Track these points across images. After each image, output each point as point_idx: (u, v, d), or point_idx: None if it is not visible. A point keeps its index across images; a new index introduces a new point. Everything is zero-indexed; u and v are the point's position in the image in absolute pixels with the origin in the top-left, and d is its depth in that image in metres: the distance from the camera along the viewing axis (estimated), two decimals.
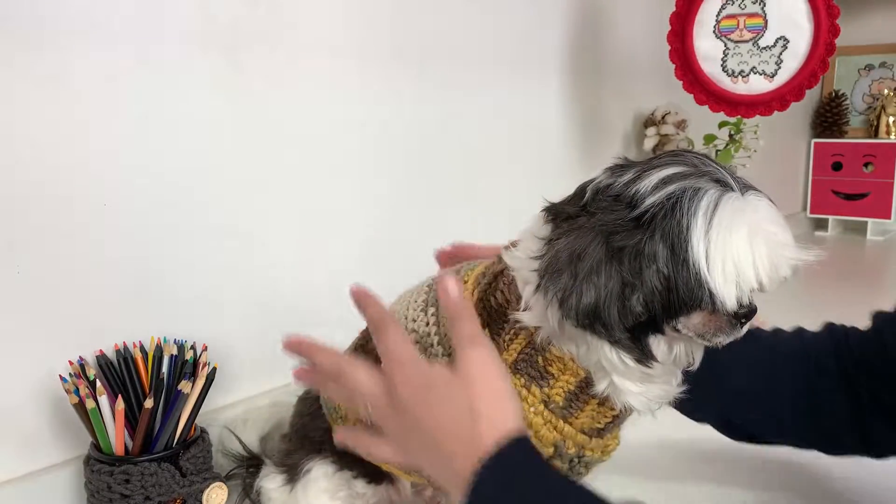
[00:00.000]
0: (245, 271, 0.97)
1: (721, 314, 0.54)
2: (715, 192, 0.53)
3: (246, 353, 0.97)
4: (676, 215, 0.52)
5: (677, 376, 0.63)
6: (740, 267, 0.51)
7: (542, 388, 0.60)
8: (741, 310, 0.54)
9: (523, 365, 0.60)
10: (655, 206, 0.53)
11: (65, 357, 0.78)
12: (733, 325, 0.56)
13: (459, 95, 1.25)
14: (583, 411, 0.61)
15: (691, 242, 0.51)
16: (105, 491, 0.75)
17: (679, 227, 0.52)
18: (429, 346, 0.64)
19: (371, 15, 1.09)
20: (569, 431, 0.61)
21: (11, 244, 0.75)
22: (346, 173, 1.09)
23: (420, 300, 0.67)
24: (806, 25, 1.28)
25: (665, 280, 0.53)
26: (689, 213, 0.52)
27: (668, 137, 1.62)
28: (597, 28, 1.58)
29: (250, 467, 0.85)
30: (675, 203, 0.52)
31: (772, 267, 0.52)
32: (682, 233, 0.52)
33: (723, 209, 0.52)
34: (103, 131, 0.81)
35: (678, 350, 0.59)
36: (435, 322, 0.64)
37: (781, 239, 0.53)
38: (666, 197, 0.53)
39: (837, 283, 1.96)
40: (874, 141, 2.47)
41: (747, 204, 0.53)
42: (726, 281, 0.51)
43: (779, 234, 0.53)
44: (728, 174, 0.54)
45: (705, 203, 0.52)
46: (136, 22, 0.82)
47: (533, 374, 0.60)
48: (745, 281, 0.52)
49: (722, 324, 0.55)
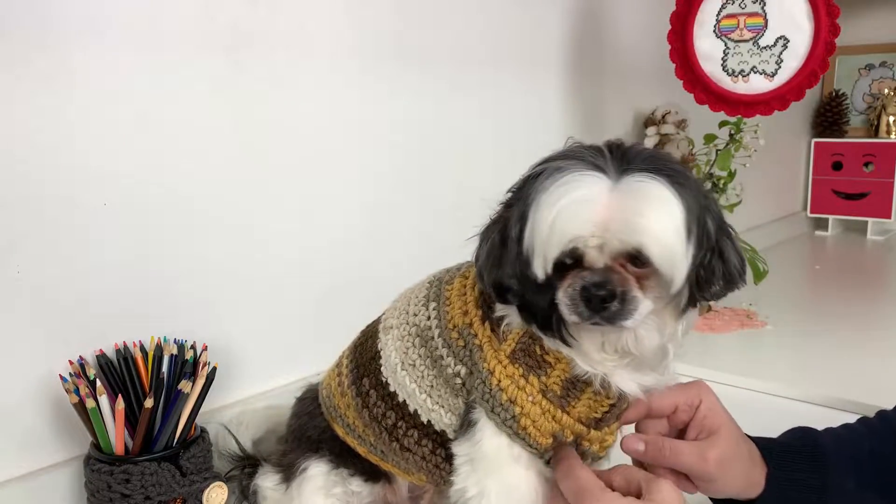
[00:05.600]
0: (245, 271, 0.97)
1: (573, 287, 0.55)
2: (570, 170, 0.54)
3: (246, 352, 0.97)
4: (525, 189, 0.56)
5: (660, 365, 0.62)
6: (538, 234, 0.54)
7: (539, 378, 0.61)
8: (558, 279, 0.56)
9: (521, 354, 0.61)
10: (518, 185, 0.58)
11: (65, 357, 0.78)
12: (577, 302, 0.55)
13: (459, 95, 1.25)
14: (579, 400, 0.62)
15: (529, 209, 0.54)
16: (105, 490, 0.75)
17: (525, 201, 0.55)
18: (429, 340, 0.66)
19: (371, 14, 1.09)
20: (567, 421, 0.61)
21: (11, 244, 0.75)
22: (347, 173, 1.09)
23: (421, 296, 0.69)
24: (806, 25, 1.28)
25: (517, 248, 0.56)
26: (534, 187, 0.55)
27: (668, 137, 1.61)
28: (597, 28, 1.58)
29: (246, 468, 0.85)
30: (533, 178, 0.56)
31: (556, 236, 0.53)
32: (525, 205, 0.55)
33: (554, 183, 0.53)
34: (103, 131, 0.81)
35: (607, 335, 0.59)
36: (436, 316, 0.66)
37: (574, 211, 0.53)
38: (528, 176, 0.57)
39: (837, 283, 1.96)
40: (874, 140, 2.47)
41: (579, 180, 0.53)
42: (532, 248, 0.54)
43: (578, 208, 0.53)
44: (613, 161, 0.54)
45: (552, 178, 0.54)
46: (137, 22, 0.82)
47: (531, 364, 0.61)
48: (539, 243, 0.54)
49: (571, 299, 0.55)
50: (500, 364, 0.61)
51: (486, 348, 0.62)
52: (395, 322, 0.70)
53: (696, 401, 0.67)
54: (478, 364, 0.62)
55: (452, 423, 0.66)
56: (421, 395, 0.67)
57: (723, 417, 0.67)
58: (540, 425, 0.61)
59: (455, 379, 0.64)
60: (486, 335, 0.63)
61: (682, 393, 0.68)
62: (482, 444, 0.62)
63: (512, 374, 0.61)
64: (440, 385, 0.66)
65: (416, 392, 0.67)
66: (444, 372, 0.65)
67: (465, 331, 0.64)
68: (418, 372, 0.67)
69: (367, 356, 0.72)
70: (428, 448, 0.68)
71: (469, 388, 0.64)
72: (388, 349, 0.70)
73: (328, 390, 0.76)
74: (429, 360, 0.66)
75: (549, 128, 1.49)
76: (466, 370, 0.64)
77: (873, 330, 1.49)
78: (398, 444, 0.69)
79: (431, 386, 0.66)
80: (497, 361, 0.61)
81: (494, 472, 0.62)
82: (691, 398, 0.67)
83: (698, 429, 0.67)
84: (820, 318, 1.60)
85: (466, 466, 0.64)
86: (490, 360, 0.62)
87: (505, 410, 0.60)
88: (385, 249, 1.15)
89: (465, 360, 0.64)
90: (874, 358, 1.30)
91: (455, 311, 0.65)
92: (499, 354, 0.61)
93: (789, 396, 1.14)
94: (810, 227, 2.63)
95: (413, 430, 0.68)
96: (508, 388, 0.60)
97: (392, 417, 0.69)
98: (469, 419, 0.63)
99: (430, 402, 0.66)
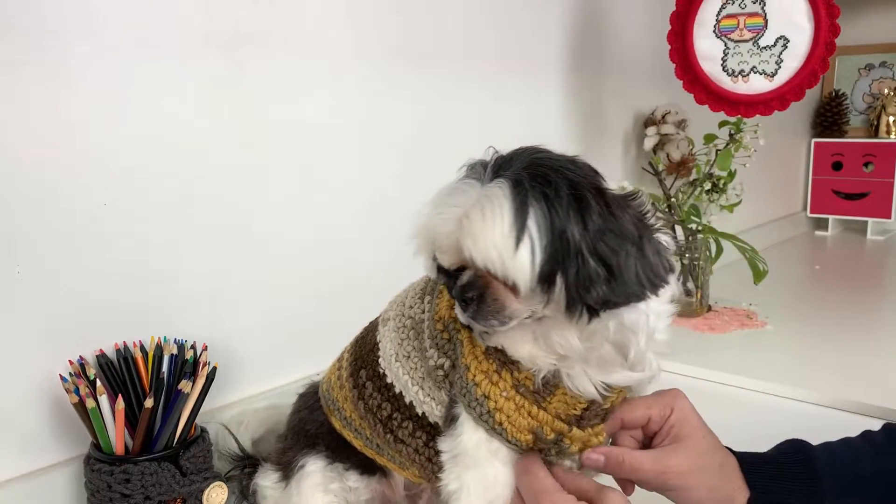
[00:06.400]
0: (245, 271, 0.97)
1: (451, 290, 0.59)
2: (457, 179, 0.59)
3: (246, 352, 0.97)
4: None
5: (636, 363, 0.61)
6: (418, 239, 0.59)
7: (512, 373, 0.61)
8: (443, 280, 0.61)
9: (494, 350, 0.61)
10: None
11: (65, 356, 0.78)
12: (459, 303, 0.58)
13: (459, 94, 1.25)
14: (554, 395, 0.61)
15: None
16: (105, 490, 0.75)
17: None
18: (421, 332, 0.67)
19: (371, 14, 1.09)
20: (544, 417, 0.61)
21: (11, 244, 0.75)
22: (347, 173, 1.09)
23: (419, 289, 0.71)
24: (806, 25, 1.28)
25: None
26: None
27: (668, 137, 1.61)
28: (597, 28, 1.58)
29: (246, 468, 0.85)
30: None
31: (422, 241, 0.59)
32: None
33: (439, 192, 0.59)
34: (103, 131, 0.81)
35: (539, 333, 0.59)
36: (429, 309, 0.67)
37: (437, 214, 0.57)
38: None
39: (837, 282, 1.96)
40: (874, 140, 2.47)
41: (454, 188, 0.58)
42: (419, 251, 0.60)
43: (440, 211, 0.57)
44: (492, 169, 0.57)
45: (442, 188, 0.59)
46: (137, 22, 0.82)
47: (503, 359, 0.61)
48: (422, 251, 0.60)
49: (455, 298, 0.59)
50: (475, 359, 0.62)
51: (465, 343, 0.63)
52: (393, 314, 0.71)
53: (666, 410, 0.66)
54: (459, 358, 0.63)
55: (442, 416, 0.66)
56: (414, 388, 0.67)
57: (692, 426, 0.65)
58: (515, 420, 0.60)
59: (437, 371, 0.65)
60: (467, 330, 0.63)
61: (654, 403, 0.66)
62: (462, 438, 0.62)
63: (486, 369, 0.61)
64: (428, 377, 0.66)
65: (410, 384, 0.67)
66: (427, 364, 0.66)
67: (451, 324, 0.65)
68: (412, 364, 0.67)
69: (367, 348, 0.73)
70: (422, 440, 0.68)
71: (451, 381, 0.64)
72: (386, 341, 0.70)
73: (328, 384, 0.77)
74: (421, 353, 0.67)
75: (549, 128, 1.49)
76: (450, 363, 0.64)
77: (873, 330, 1.49)
78: (392, 435, 0.69)
79: (423, 378, 0.67)
80: (473, 356, 0.62)
81: (473, 467, 0.62)
82: (663, 408, 0.66)
83: (664, 436, 0.66)
84: (820, 318, 1.60)
85: (450, 462, 0.64)
86: (467, 354, 0.62)
87: (480, 405, 0.61)
88: (385, 249, 1.15)
89: (449, 353, 0.64)
90: (874, 358, 1.30)
91: (443, 303, 0.66)
92: (475, 350, 0.62)
93: (789, 396, 1.14)
94: (810, 227, 2.63)
95: (408, 422, 0.68)
96: (482, 383, 0.61)
97: (387, 409, 0.69)
98: (452, 414, 0.64)
99: (422, 394, 0.67)
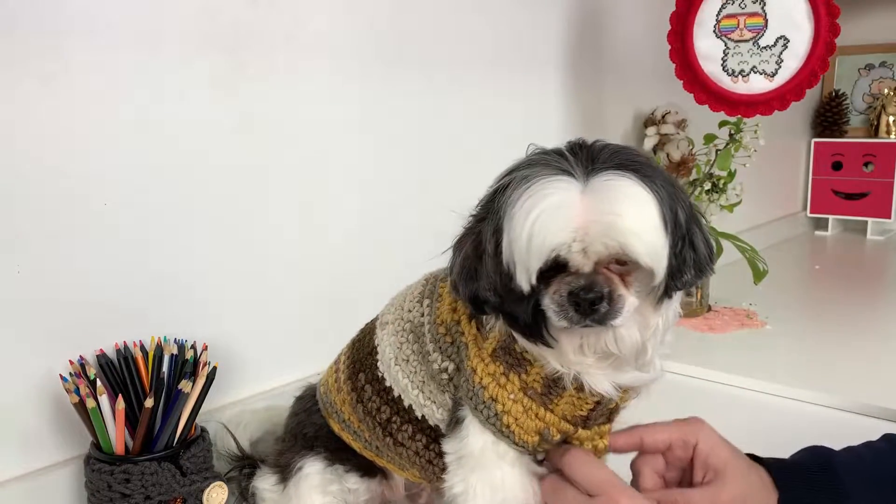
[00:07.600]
0: (245, 271, 0.97)
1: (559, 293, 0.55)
2: (536, 178, 0.53)
3: (246, 352, 0.97)
4: (496, 202, 0.56)
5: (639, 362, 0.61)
6: (517, 248, 0.53)
7: (520, 376, 0.61)
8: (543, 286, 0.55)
9: (501, 353, 0.61)
10: (486, 197, 0.58)
11: (65, 356, 0.78)
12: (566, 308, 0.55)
13: (459, 94, 1.25)
14: (562, 397, 0.61)
15: (502, 222, 0.54)
16: (105, 490, 0.75)
17: (497, 214, 0.55)
18: (421, 336, 0.67)
19: (371, 14, 1.09)
20: (551, 419, 0.61)
21: (11, 244, 0.75)
22: (347, 173, 1.09)
23: (417, 292, 0.70)
24: (806, 25, 1.28)
25: (494, 261, 0.55)
26: (504, 200, 0.55)
27: (668, 137, 1.61)
28: (596, 28, 1.58)
29: (245, 468, 0.85)
30: (501, 190, 0.56)
31: (536, 248, 0.52)
32: (498, 219, 0.55)
33: (523, 193, 0.53)
34: (103, 131, 0.81)
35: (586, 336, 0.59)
36: (429, 312, 0.67)
37: (550, 220, 0.52)
38: (496, 188, 0.57)
39: (837, 282, 1.96)
40: (874, 140, 2.47)
41: (548, 186, 0.53)
42: (513, 262, 0.54)
43: (554, 215, 0.52)
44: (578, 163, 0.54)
45: (520, 189, 0.54)
46: (137, 21, 0.82)
47: (511, 362, 0.61)
48: (519, 255, 0.53)
49: (559, 305, 0.55)
50: (482, 362, 0.61)
51: (471, 346, 0.63)
52: (391, 318, 0.71)
53: (691, 438, 0.66)
54: (464, 361, 0.63)
55: (444, 419, 0.66)
56: (414, 391, 0.67)
57: (726, 452, 0.66)
58: (523, 423, 0.61)
59: (441, 375, 0.65)
60: (472, 333, 0.63)
61: (676, 429, 0.67)
62: (468, 441, 0.62)
63: (493, 371, 0.61)
64: (430, 380, 0.66)
65: (409, 387, 0.67)
66: (430, 367, 0.65)
67: (454, 328, 0.64)
68: (411, 367, 0.67)
69: (365, 351, 0.72)
70: (422, 443, 0.68)
71: (456, 384, 0.64)
72: (384, 345, 0.70)
73: (325, 387, 0.77)
74: (421, 356, 0.67)
75: (549, 128, 1.49)
76: (454, 366, 0.64)
77: (873, 330, 1.49)
78: (392, 438, 0.69)
79: (423, 381, 0.66)
80: (479, 359, 0.62)
81: (480, 469, 0.62)
82: (686, 435, 0.66)
83: (703, 469, 0.66)
84: (820, 318, 1.60)
85: (454, 464, 0.64)
86: (473, 357, 0.62)
87: (487, 408, 0.61)
88: (385, 249, 1.15)
89: (453, 357, 0.64)
90: (874, 357, 1.30)
91: (445, 307, 0.66)
92: (481, 352, 0.62)
93: (789, 396, 1.14)
94: (810, 227, 2.63)
95: (407, 425, 0.68)
96: (490, 386, 0.61)
97: (387, 412, 0.69)
98: (457, 416, 0.64)
99: (422, 397, 0.67)
